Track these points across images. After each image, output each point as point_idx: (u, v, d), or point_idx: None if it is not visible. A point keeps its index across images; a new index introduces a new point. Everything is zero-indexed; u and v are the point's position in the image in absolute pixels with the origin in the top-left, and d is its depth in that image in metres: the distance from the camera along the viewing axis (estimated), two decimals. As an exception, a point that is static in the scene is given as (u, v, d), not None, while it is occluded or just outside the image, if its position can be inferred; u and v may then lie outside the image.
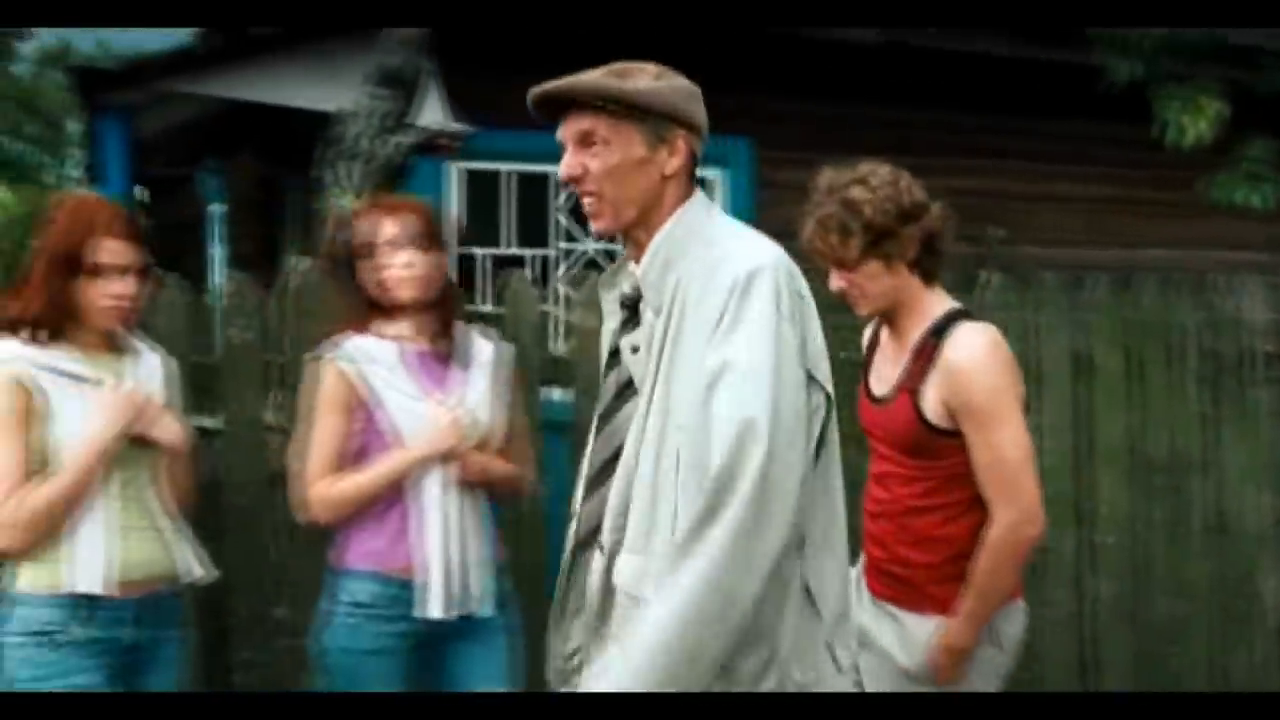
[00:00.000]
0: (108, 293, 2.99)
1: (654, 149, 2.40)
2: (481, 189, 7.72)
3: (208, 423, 3.75)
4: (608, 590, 2.40)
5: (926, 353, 3.04)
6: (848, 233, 2.98)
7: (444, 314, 3.27)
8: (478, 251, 7.60)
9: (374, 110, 5.15)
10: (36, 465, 2.94)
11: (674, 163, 2.42)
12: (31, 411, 2.94)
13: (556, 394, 4.49)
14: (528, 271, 7.17)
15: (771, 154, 8.01)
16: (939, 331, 3.04)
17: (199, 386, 3.71)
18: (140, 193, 10.44)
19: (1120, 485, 4.98)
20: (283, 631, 3.81)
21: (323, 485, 3.17)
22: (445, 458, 3.16)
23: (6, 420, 2.93)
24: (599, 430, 2.51)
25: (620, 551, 2.38)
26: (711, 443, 2.20)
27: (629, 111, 2.39)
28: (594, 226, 2.45)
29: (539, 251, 7.78)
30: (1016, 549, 3.00)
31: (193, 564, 3.10)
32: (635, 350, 2.44)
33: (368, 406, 3.19)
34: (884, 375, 3.16)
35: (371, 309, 3.25)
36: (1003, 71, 8.13)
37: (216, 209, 12.04)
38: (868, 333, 3.35)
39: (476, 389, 3.28)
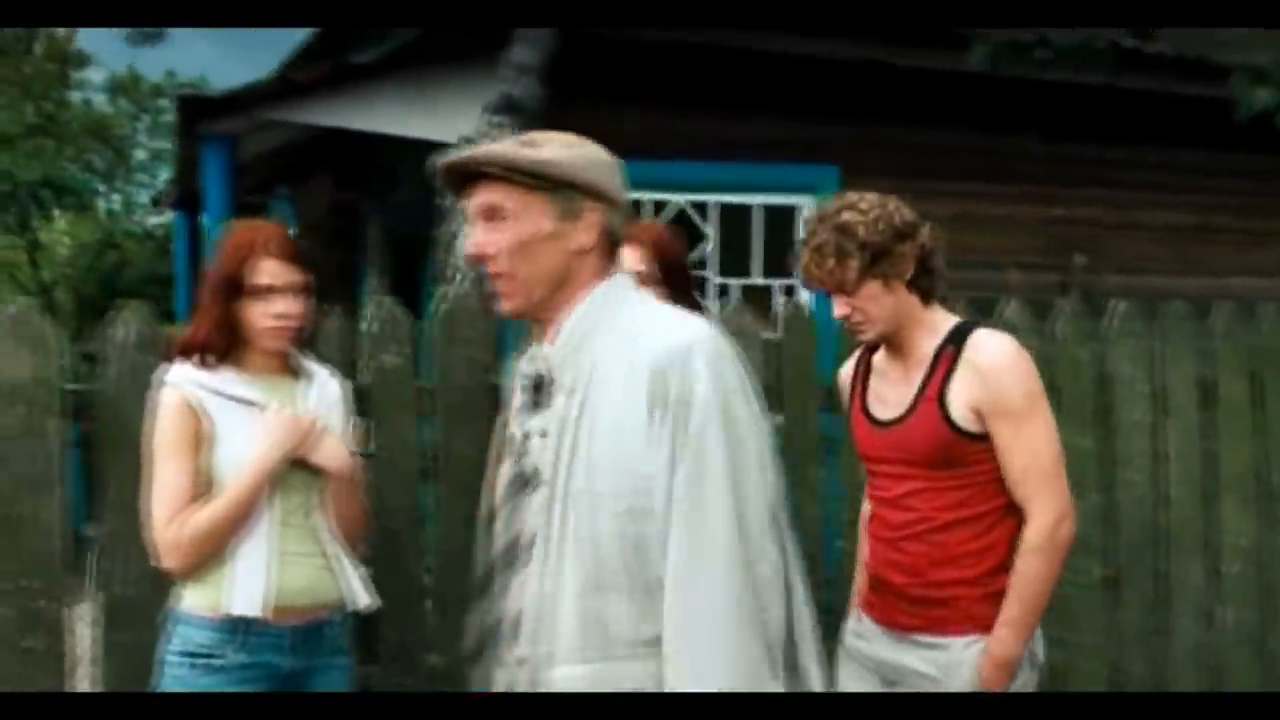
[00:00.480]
0: (270, 313, 3.02)
1: (563, 222, 2.30)
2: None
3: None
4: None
5: (946, 361, 3.06)
6: (844, 255, 2.99)
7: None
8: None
9: (494, 139, 5.19)
10: (204, 488, 2.98)
11: (584, 237, 2.31)
12: (200, 435, 2.99)
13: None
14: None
15: (860, 181, 8.00)
16: (956, 340, 3.07)
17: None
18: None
19: (1245, 513, 4.95)
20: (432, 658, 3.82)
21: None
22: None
23: (176, 442, 2.98)
24: (499, 516, 2.41)
25: (554, 665, 2.26)
26: (681, 557, 2.17)
27: (537, 183, 2.28)
28: (503, 307, 2.34)
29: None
30: (1058, 548, 3.01)
31: (357, 592, 3.10)
32: (544, 435, 2.31)
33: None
34: (889, 397, 3.15)
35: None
36: (1091, 101, 8.14)
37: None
38: (846, 369, 3.40)
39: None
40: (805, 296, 6.55)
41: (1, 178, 15.82)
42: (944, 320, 3.13)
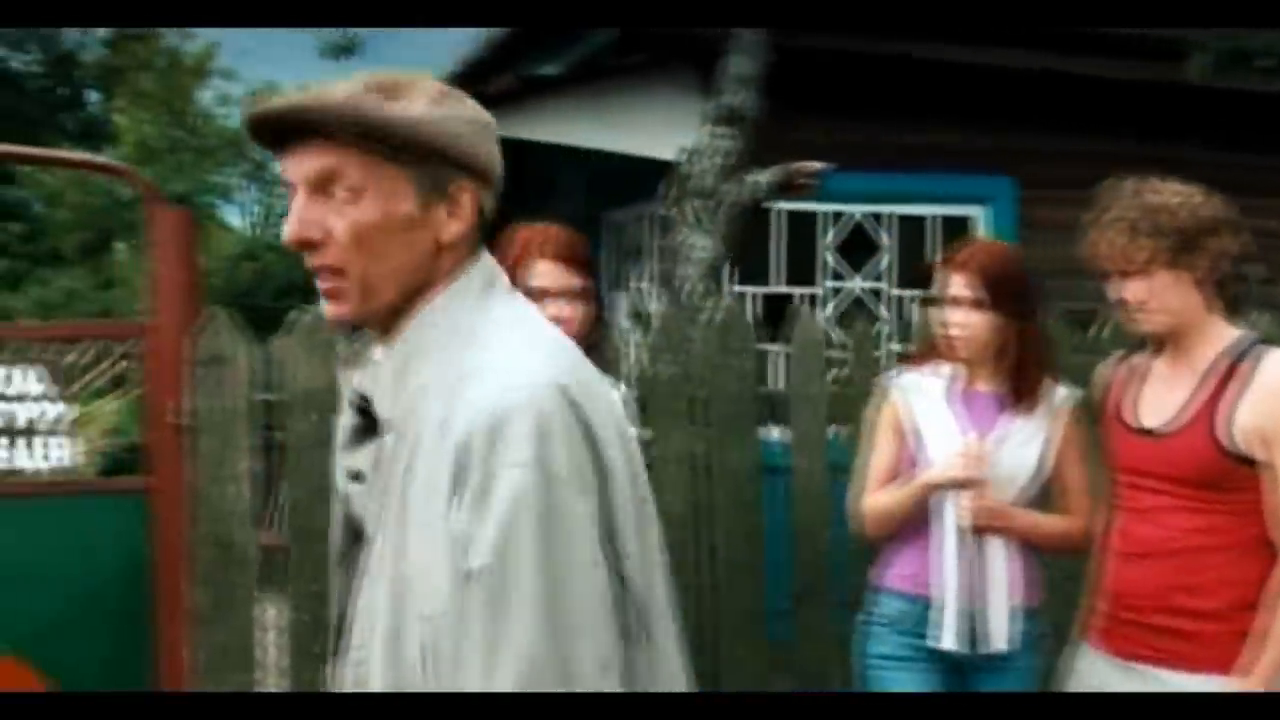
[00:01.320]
0: (547, 315, 3.06)
1: (429, 205, 1.63)
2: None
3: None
4: None
5: (1226, 378, 2.86)
6: (1144, 235, 2.83)
7: (1009, 362, 3.25)
8: (748, 289, 7.68)
9: (717, 149, 5.24)
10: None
11: (455, 226, 1.64)
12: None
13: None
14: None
15: (1035, 193, 8.01)
16: (1242, 356, 2.87)
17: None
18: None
19: None
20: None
21: (863, 501, 3.34)
22: (965, 489, 3.18)
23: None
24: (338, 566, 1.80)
25: None
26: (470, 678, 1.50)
27: (395, 150, 1.60)
28: (330, 312, 1.66)
29: (807, 289, 7.84)
30: None
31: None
32: (358, 479, 1.70)
33: (910, 435, 3.31)
34: (1159, 406, 2.95)
35: (935, 348, 3.34)
36: (1258, 108, 8.05)
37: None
38: (1108, 368, 3.16)
39: (1024, 435, 3.25)
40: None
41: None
42: (1224, 330, 2.93)
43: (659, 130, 6.34)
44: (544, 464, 1.49)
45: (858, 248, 7.97)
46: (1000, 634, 3.16)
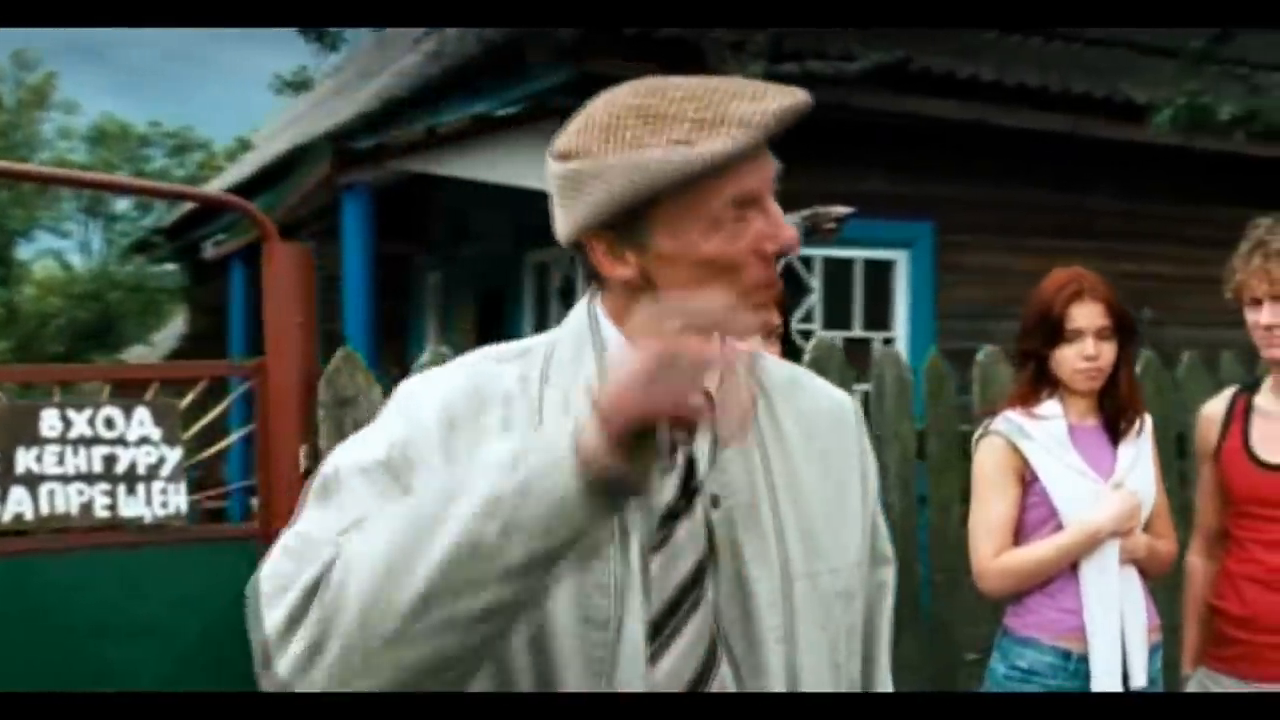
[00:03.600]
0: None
1: None
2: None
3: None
4: None
5: None
6: None
7: (1119, 391, 3.28)
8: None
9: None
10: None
11: None
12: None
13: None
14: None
15: (953, 238, 8.30)
16: None
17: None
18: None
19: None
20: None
21: (1001, 558, 3.21)
22: (1118, 536, 3.21)
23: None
24: None
25: None
26: None
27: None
28: (771, 321, 1.60)
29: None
30: None
31: None
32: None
33: (1027, 480, 3.23)
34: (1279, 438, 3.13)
35: (1040, 386, 3.29)
36: (1163, 161, 8.50)
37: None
38: (1215, 407, 3.32)
39: (1142, 467, 3.30)
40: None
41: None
42: None
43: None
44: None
45: (786, 290, 8.13)
46: (1142, 668, 3.18)
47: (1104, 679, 3.14)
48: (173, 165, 21.48)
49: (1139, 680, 3.17)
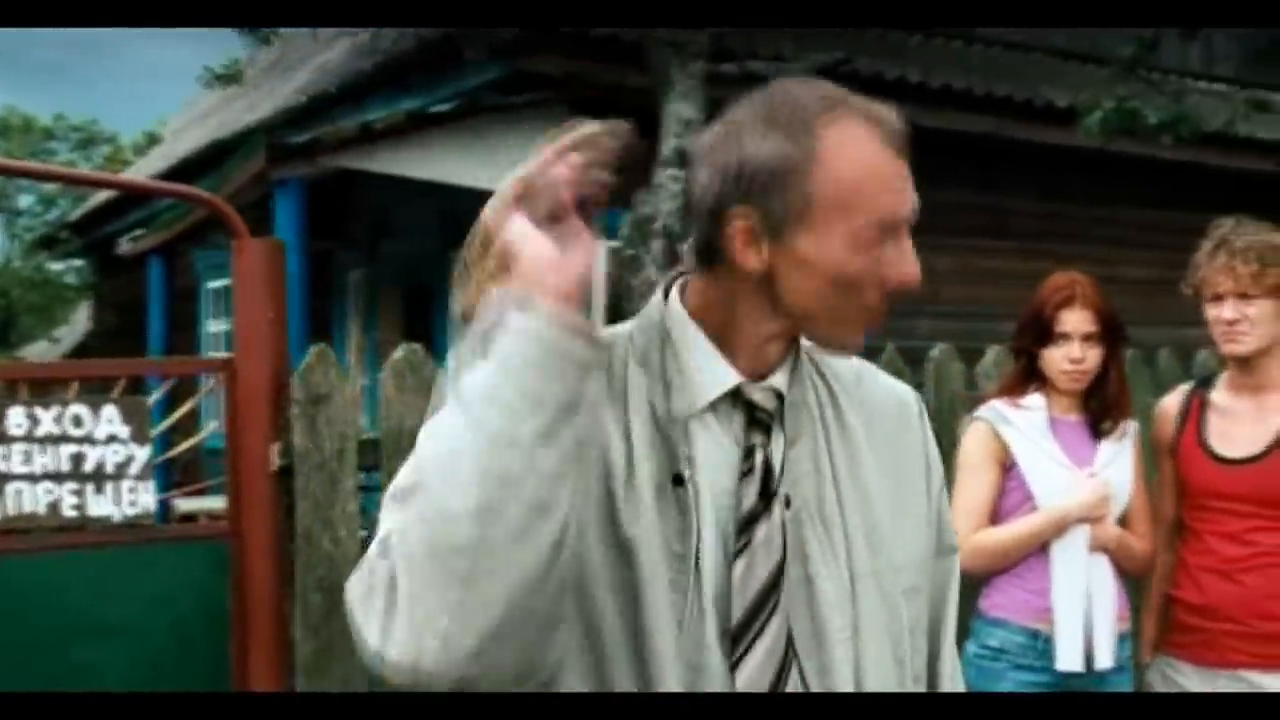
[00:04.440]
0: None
1: None
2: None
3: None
4: None
5: None
6: (1271, 265, 3.13)
7: (1106, 390, 3.40)
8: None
9: (674, 192, 5.33)
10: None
11: None
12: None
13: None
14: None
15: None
16: None
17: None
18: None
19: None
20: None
21: (974, 536, 3.33)
22: (1093, 521, 3.33)
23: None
24: None
25: None
26: None
27: None
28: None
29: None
30: None
31: None
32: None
33: (1007, 465, 3.38)
34: (1236, 434, 3.24)
35: (1028, 380, 3.43)
36: (1082, 164, 8.70)
37: (212, 286, 11.87)
38: (1171, 402, 3.44)
39: (1120, 464, 3.42)
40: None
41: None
42: None
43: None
44: None
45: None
46: (1107, 651, 3.30)
47: (1067, 660, 3.25)
48: (78, 159, 21.18)
49: (1104, 662, 3.28)
